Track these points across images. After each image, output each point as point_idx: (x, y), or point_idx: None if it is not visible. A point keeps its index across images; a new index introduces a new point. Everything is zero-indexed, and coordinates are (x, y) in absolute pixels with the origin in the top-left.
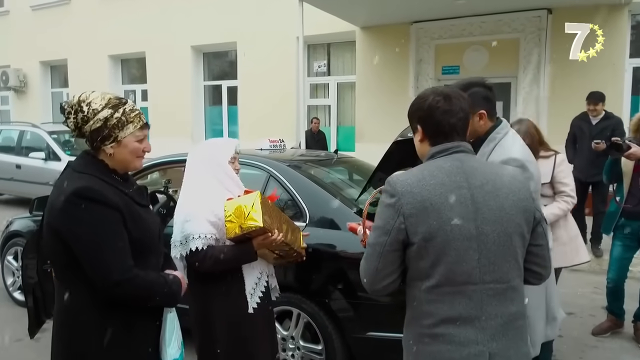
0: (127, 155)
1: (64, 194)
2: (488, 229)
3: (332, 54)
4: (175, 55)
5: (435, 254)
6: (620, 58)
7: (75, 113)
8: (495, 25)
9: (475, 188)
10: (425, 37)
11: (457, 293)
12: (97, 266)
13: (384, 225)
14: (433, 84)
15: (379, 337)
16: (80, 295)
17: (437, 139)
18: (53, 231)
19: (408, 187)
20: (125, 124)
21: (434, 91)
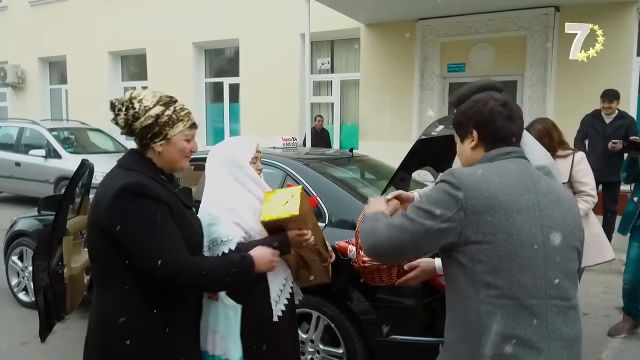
0: (176, 154)
1: (112, 190)
2: (554, 240)
3: (336, 51)
4: (176, 52)
5: (497, 259)
6: (628, 56)
7: (127, 110)
8: (502, 22)
9: (541, 195)
10: (430, 35)
11: (521, 307)
12: (154, 258)
13: (435, 211)
14: (438, 82)
15: (402, 341)
16: (126, 298)
17: (496, 145)
18: (101, 230)
19: (476, 181)
20: (175, 122)
21: (492, 96)
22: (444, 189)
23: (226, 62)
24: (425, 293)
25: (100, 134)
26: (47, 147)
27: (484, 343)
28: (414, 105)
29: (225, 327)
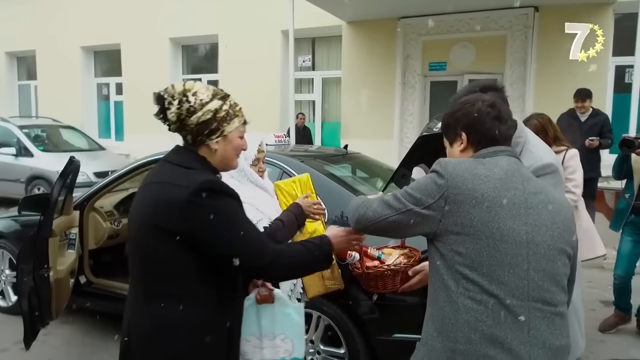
0: (231, 151)
1: (187, 189)
2: (539, 239)
3: (317, 48)
4: (152, 48)
5: (476, 252)
6: (604, 56)
7: (180, 103)
8: (482, 22)
9: (530, 194)
10: (412, 33)
11: (501, 306)
12: (247, 253)
13: (420, 198)
14: (420, 81)
15: (405, 339)
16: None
17: (485, 146)
18: (169, 233)
19: (461, 171)
20: (232, 117)
21: (480, 97)
22: (431, 177)
23: (204, 58)
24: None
25: (73, 132)
26: (18, 145)
27: (460, 339)
28: (396, 104)
29: (289, 328)
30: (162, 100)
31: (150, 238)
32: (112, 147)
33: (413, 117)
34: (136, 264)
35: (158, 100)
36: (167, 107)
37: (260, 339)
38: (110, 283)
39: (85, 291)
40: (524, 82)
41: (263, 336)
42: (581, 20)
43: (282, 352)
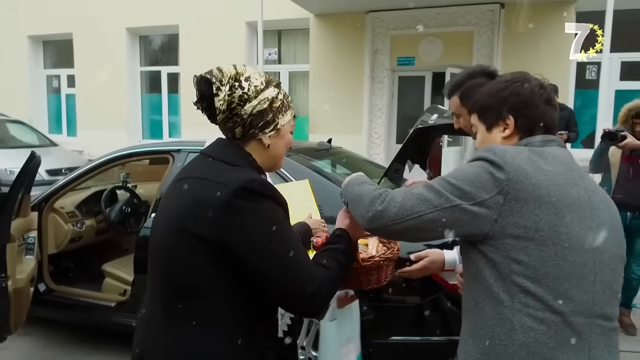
0: (282, 148)
1: (228, 187)
2: (603, 246)
3: (283, 41)
4: (107, 38)
5: (541, 261)
6: (566, 53)
7: (231, 89)
8: (450, 17)
9: (590, 192)
10: (380, 27)
11: (565, 325)
12: (289, 279)
13: (469, 191)
14: (388, 75)
15: (402, 342)
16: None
17: (532, 134)
18: (200, 240)
19: (523, 162)
20: (287, 108)
21: (526, 75)
22: (483, 167)
23: (164, 49)
24: (426, 291)
25: (21, 126)
26: None
27: None
28: (365, 99)
29: (352, 328)
30: (208, 85)
31: (178, 244)
32: (64, 142)
33: (382, 112)
34: (157, 276)
35: (203, 84)
36: (215, 93)
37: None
38: (73, 290)
39: (45, 300)
40: None
41: (348, 341)
42: (545, 17)
43: (356, 349)
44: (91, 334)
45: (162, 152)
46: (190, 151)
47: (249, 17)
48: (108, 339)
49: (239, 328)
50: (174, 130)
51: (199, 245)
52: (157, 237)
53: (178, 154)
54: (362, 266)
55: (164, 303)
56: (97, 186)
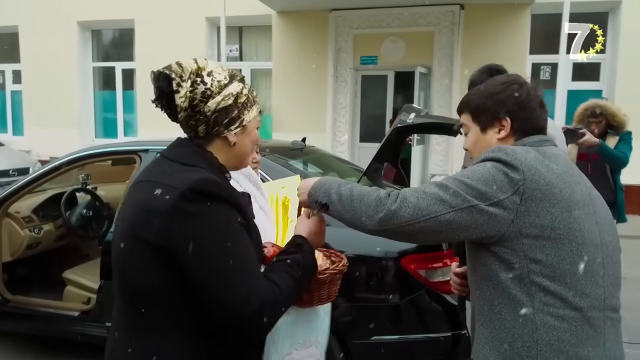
0: (249, 146)
1: (175, 190)
2: (607, 240)
3: (245, 38)
4: (56, 31)
5: (559, 260)
6: (523, 53)
7: (193, 85)
8: (411, 17)
9: (589, 188)
10: (344, 26)
11: (584, 321)
12: (227, 296)
13: (485, 191)
14: (352, 74)
15: (383, 341)
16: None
17: (527, 136)
18: (149, 245)
19: (534, 161)
20: (252, 104)
21: (521, 78)
22: (497, 167)
23: (118, 44)
24: (406, 289)
25: None
26: None
27: None
28: (328, 97)
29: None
30: (167, 82)
31: (131, 251)
32: (10, 142)
33: (345, 110)
34: (116, 286)
35: (162, 80)
36: (175, 89)
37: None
38: (31, 300)
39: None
40: (450, 78)
41: (302, 345)
42: (503, 19)
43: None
44: (49, 346)
45: (129, 152)
46: (159, 151)
47: (209, 12)
48: (69, 350)
49: (195, 338)
50: (129, 129)
51: (149, 252)
52: (115, 243)
53: (146, 154)
54: (316, 279)
55: (124, 314)
56: (55, 189)
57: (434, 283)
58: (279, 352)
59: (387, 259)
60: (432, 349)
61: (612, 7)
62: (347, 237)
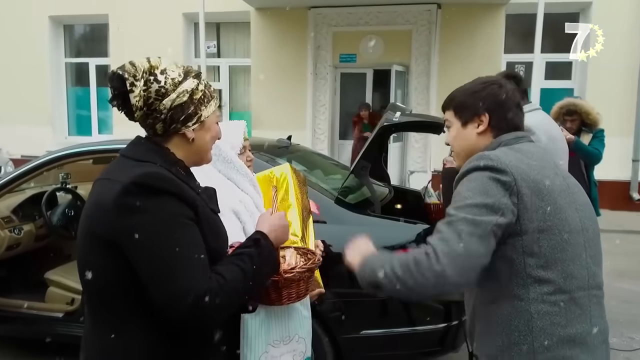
0: (208, 141)
1: (119, 184)
2: (587, 224)
3: (223, 34)
4: (27, 26)
5: (551, 249)
6: (497, 53)
7: (147, 84)
8: (390, 16)
9: (566, 177)
10: (323, 24)
11: (572, 301)
12: (167, 289)
13: (493, 203)
14: (331, 72)
15: (374, 335)
16: (136, 338)
17: (503, 132)
18: (103, 241)
19: (516, 162)
20: (209, 99)
21: (502, 80)
22: (487, 176)
23: (91, 40)
24: None
25: None
26: None
27: (538, 349)
28: (308, 94)
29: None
30: (121, 82)
31: (87, 248)
32: None
33: (325, 107)
34: (82, 283)
35: (115, 81)
36: (129, 89)
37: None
38: (10, 302)
39: None
40: (428, 76)
41: (280, 341)
42: (478, 19)
43: (298, 354)
44: (28, 348)
45: (111, 150)
46: None
47: (186, 8)
48: (50, 353)
49: (153, 332)
50: (104, 127)
51: (103, 247)
52: (77, 242)
53: None
54: (283, 278)
55: (89, 309)
56: (33, 188)
57: None
58: (253, 352)
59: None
60: (421, 340)
61: (583, 7)
62: (334, 233)
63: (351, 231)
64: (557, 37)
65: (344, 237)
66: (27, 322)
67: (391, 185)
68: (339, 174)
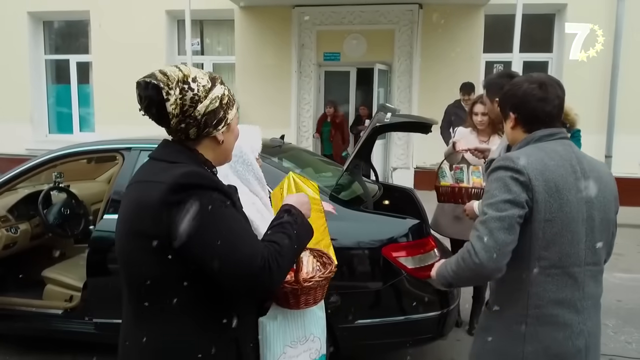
0: (232, 141)
1: (163, 184)
2: (595, 214)
3: (206, 32)
4: (5, 22)
5: (551, 235)
6: (478, 52)
7: (182, 92)
8: (372, 15)
9: (586, 173)
10: (307, 22)
11: (565, 275)
12: (233, 260)
13: (514, 198)
14: (315, 70)
15: (369, 324)
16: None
17: (533, 125)
18: (152, 239)
19: (533, 164)
20: (233, 103)
21: (528, 79)
22: (508, 176)
23: (72, 37)
24: (388, 276)
25: None
26: None
27: (531, 306)
28: (293, 93)
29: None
30: (156, 91)
31: (132, 248)
32: None
33: (309, 106)
34: (123, 280)
35: (150, 90)
36: (166, 98)
37: (295, 347)
38: (10, 300)
39: None
40: (410, 74)
41: (297, 342)
42: (458, 19)
43: (314, 352)
44: (27, 346)
45: (111, 150)
46: (142, 149)
47: (169, 5)
48: (50, 349)
49: (207, 321)
50: (85, 124)
51: (148, 245)
52: (117, 243)
53: (129, 153)
54: (302, 287)
55: (132, 305)
56: (26, 187)
57: (412, 270)
58: (272, 353)
59: (368, 249)
60: (414, 329)
61: (559, 9)
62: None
63: (346, 226)
64: (534, 37)
65: (339, 232)
66: (27, 319)
67: (379, 182)
68: (329, 172)
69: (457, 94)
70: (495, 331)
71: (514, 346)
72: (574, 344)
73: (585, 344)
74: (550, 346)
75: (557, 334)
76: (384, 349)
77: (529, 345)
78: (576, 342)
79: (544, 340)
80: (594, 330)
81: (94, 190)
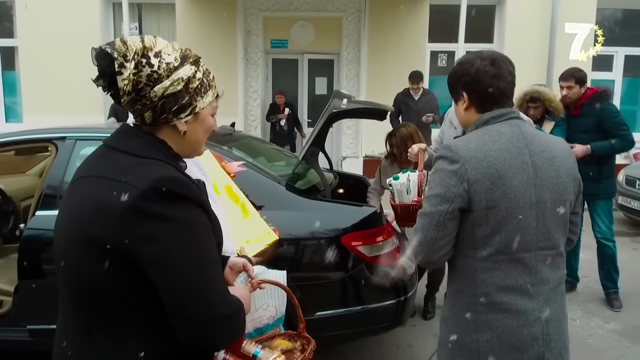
0: (202, 134)
1: (135, 188)
2: (546, 197)
3: (145, 16)
4: None
5: (496, 222)
6: (422, 42)
7: (138, 67)
8: (320, 2)
9: (535, 155)
10: (252, 8)
11: (513, 261)
12: (196, 298)
13: (444, 193)
14: (262, 57)
15: (329, 316)
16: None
17: (486, 105)
18: (104, 247)
19: (472, 152)
20: (207, 89)
21: (479, 55)
22: (443, 167)
23: None
24: (348, 265)
25: None
26: None
27: (479, 294)
28: (239, 80)
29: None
30: (108, 60)
31: (80, 253)
32: None
33: (257, 94)
34: (62, 285)
35: (102, 59)
36: (117, 70)
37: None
38: None
39: None
40: (358, 63)
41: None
42: (404, 8)
43: (265, 319)
44: None
45: (42, 140)
46: (78, 139)
47: None
48: None
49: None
50: (12, 114)
51: (101, 252)
52: (58, 244)
53: (62, 143)
54: None
55: (74, 314)
56: None
57: (371, 258)
58: None
59: (327, 238)
60: (372, 318)
61: (499, 0)
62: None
63: (304, 216)
64: (475, 28)
65: (298, 222)
66: None
67: (334, 170)
68: (282, 161)
69: (405, 82)
70: (452, 322)
71: (469, 336)
72: (529, 332)
73: (542, 331)
74: (504, 334)
75: (510, 322)
76: (343, 340)
77: (482, 334)
78: (531, 329)
79: (496, 329)
80: (556, 316)
81: (23, 184)
